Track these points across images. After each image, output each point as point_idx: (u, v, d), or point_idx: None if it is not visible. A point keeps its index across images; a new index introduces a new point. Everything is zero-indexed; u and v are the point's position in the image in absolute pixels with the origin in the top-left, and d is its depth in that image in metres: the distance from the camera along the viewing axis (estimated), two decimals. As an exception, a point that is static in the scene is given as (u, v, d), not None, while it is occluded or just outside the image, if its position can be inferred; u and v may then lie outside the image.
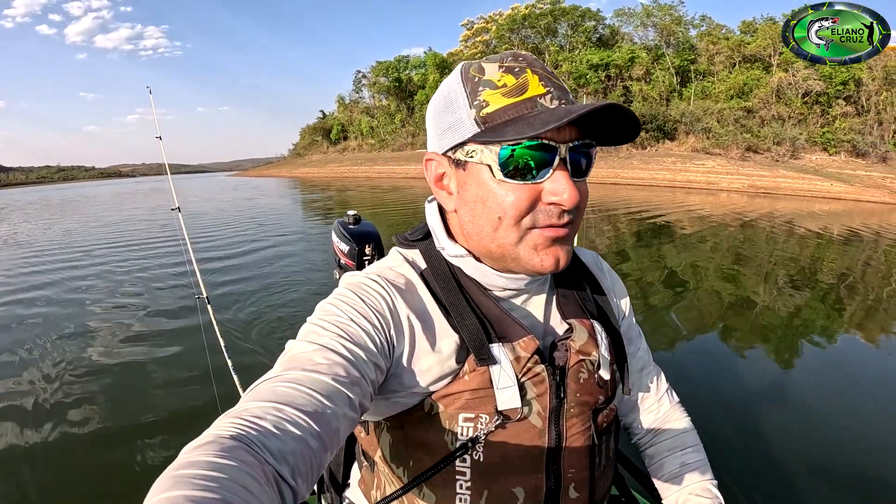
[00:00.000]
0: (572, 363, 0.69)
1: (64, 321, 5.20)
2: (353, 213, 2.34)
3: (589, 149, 0.63)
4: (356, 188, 28.64)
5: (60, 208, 25.21)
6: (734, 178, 25.91)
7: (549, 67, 0.64)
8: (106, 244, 10.81)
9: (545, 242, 0.63)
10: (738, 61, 35.81)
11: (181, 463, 0.39)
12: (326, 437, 0.50)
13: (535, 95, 0.59)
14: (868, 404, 3.37)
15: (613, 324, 0.78)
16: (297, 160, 71.26)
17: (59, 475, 2.64)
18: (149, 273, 7.46)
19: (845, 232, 11.55)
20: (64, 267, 8.28)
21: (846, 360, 4.23)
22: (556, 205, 0.60)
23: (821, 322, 5.14)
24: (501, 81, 0.61)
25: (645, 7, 40.22)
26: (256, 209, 18.31)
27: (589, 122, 0.61)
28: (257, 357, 4.03)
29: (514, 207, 0.61)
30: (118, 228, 13.85)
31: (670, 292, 6.10)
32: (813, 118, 30.58)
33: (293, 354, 0.58)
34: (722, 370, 3.95)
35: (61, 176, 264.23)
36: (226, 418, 0.47)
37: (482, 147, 0.61)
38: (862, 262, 8.16)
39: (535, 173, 0.60)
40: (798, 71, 31.23)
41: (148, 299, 5.98)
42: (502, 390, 0.64)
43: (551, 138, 0.59)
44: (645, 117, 32.99)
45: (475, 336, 0.65)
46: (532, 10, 44.56)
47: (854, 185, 22.98)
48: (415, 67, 55.04)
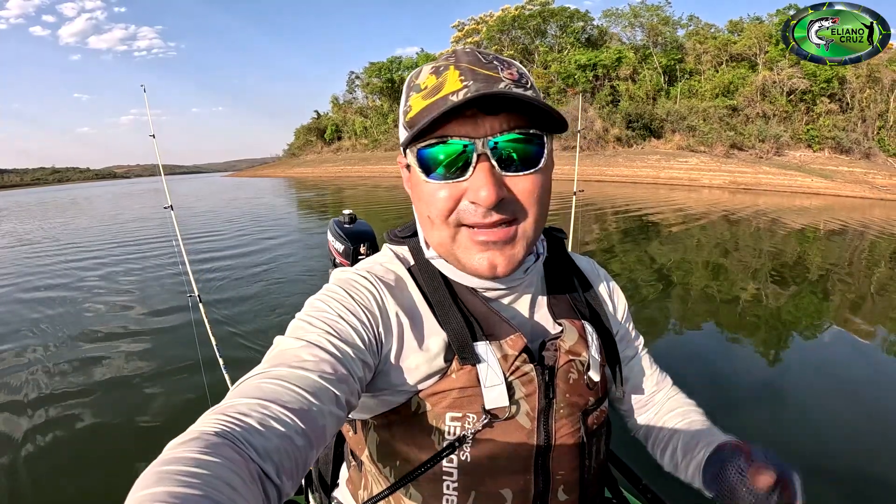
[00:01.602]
0: (561, 363, 0.68)
1: (56, 318, 5.32)
2: (349, 213, 2.32)
3: (523, 137, 0.59)
4: (351, 188, 28.88)
5: (57, 209, 25.35)
6: (716, 174, 26.55)
7: (490, 55, 0.63)
8: (101, 242, 10.99)
9: (475, 245, 0.62)
10: (724, 60, 36.35)
11: (165, 459, 0.39)
12: (312, 434, 0.50)
13: (449, 93, 0.58)
14: (860, 399, 3.38)
15: (606, 326, 0.77)
16: (291, 160, 71.41)
17: (46, 470, 2.68)
18: (142, 271, 7.54)
19: (833, 226, 11.90)
20: (60, 263, 8.51)
21: (836, 353, 4.27)
22: (476, 203, 0.59)
23: (808, 317, 5.20)
24: (424, 84, 0.62)
25: (632, 8, 40.94)
26: (250, 208, 18.56)
27: (525, 109, 0.58)
28: (248, 355, 4.05)
29: (437, 207, 0.61)
30: (114, 229, 13.96)
31: (657, 288, 6.15)
32: (798, 116, 31.09)
33: (280, 350, 0.58)
34: (712, 363, 3.99)
35: (56, 177, 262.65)
36: (211, 414, 0.47)
37: (409, 151, 0.62)
38: (848, 256, 8.33)
39: (458, 172, 0.59)
40: (782, 69, 31.76)
41: (139, 298, 6.04)
42: (490, 388, 0.63)
43: (465, 134, 0.57)
44: (631, 116, 33.61)
45: (459, 334, 0.64)
46: (522, 11, 45.13)
47: (835, 181, 23.56)
48: (407, 69, 55.40)
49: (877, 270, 7.35)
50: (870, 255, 8.47)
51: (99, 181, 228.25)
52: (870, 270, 7.35)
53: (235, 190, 33.49)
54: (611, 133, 33.49)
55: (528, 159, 0.60)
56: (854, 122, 29.59)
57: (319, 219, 14.47)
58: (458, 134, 0.57)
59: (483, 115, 0.57)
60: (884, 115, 29.22)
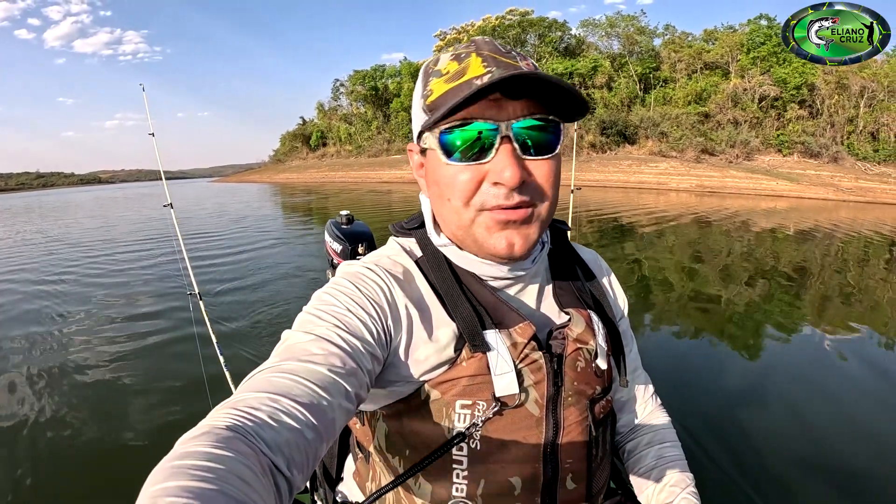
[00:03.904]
0: (570, 351, 0.69)
1: (53, 316, 5.42)
2: (346, 214, 2.32)
3: (541, 124, 0.61)
4: (334, 194, 28.94)
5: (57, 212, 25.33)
6: (683, 178, 27.37)
7: (508, 47, 0.64)
8: (100, 241, 11.32)
9: (495, 225, 0.62)
10: (699, 68, 37.37)
11: (177, 454, 0.39)
12: (322, 427, 0.50)
13: (473, 77, 0.59)
14: (848, 397, 3.41)
15: (610, 316, 0.78)
16: (277, 166, 71.58)
17: (53, 469, 2.69)
18: (141, 269, 7.67)
19: (803, 226, 12.36)
20: (57, 261, 8.76)
21: (816, 351, 4.32)
22: (500, 184, 0.59)
23: (781, 315, 5.26)
24: (446, 69, 0.63)
25: (608, 18, 42.16)
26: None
27: (544, 96, 0.60)
28: (249, 352, 4.07)
29: (459, 189, 0.61)
30: (110, 231, 14.18)
31: (636, 289, 6.21)
32: (769, 122, 31.99)
33: (289, 345, 0.58)
34: (696, 366, 4.01)
35: (41, 182, 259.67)
36: (221, 409, 0.47)
37: (429, 134, 0.63)
38: (819, 257, 8.56)
39: (480, 154, 0.60)
40: (753, 77, 32.73)
41: (140, 296, 6.13)
42: (500, 376, 0.64)
43: (490, 117, 0.58)
44: (605, 123, 34.46)
45: (469, 323, 0.65)
46: (502, 21, 46.10)
47: (801, 184, 24.28)
48: (390, 76, 56.08)
49: (830, 267, 7.72)
50: (840, 255, 8.81)
51: (84, 186, 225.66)
52: (827, 267, 7.70)
53: (230, 195, 33.27)
54: (585, 140, 34.22)
55: (546, 145, 0.62)
56: (823, 128, 30.41)
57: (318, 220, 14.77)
58: (482, 117, 0.59)
59: (506, 99, 0.59)
60: (854, 121, 30.07)
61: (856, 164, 28.05)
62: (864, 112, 29.97)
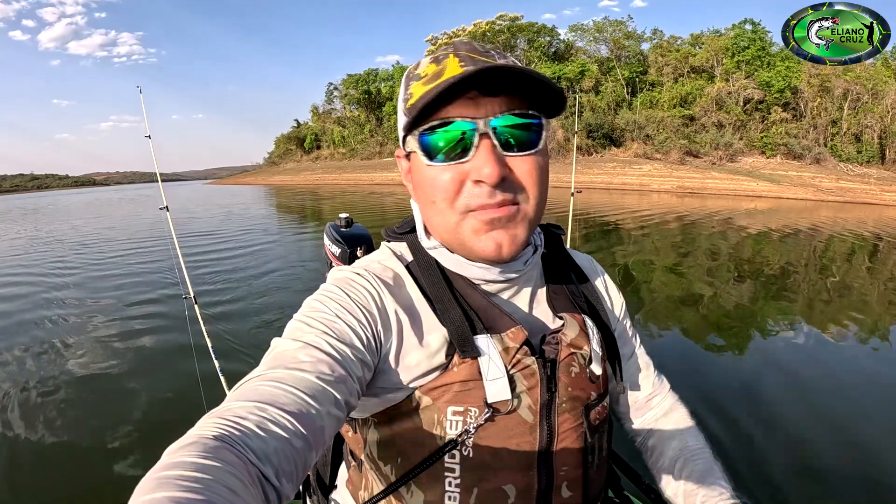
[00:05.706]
0: (563, 356, 0.68)
1: (48, 319, 5.42)
2: (345, 216, 2.31)
3: (522, 121, 0.60)
4: (330, 197, 28.81)
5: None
6: (665, 179, 27.99)
7: (486, 46, 0.64)
8: (94, 243, 11.35)
9: (482, 227, 0.61)
10: (685, 72, 38.04)
11: (165, 464, 0.38)
12: (311, 436, 0.49)
13: (449, 77, 0.57)
14: (845, 397, 3.41)
15: (604, 320, 0.77)
16: (272, 168, 72.18)
17: (42, 475, 2.67)
18: (136, 274, 7.65)
19: (783, 225, 12.66)
20: (54, 261, 8.94)
21: (816, 351, 4.34)
22: (482, 182, 0.59)
23: (768, 311, 5.31)
24: (425, 72, 0.63)
25: (596, 23, 42.96)
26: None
27: (522, 92, 0.60)
28: (244, 355, 4.06)
29: (442, 189, 0.61)
30: (106, 233, 14.21)
31: (627, 291, 6.18)
32: (753, 124, 32.63)
33: (278, 352, 0.58)
34: (698, 365, 4.02)
35: (35, 184, 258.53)
36: (209, 418, 0.46)
37: (411, 137, 0.62)
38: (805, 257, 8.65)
39: (461, 153, 0.59)
40: (737, 81, 33.40)
41: (135, 300, 6.09)
42: (491, 382, 0.62)
43: (468, 115, 0.58)
44: (592, 126, 35.04)
45: (459, 328, 0.64)
46: (492, 26, 46.82)
47: (781, 185, 24.87)
48: (383, 80, 56.71)
49: (800, 263, 7.97)
50: (821, 253, 9.07)
51: (78, 188, 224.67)
52: (798, 264, 7.95)
53: (230, 197, 32.95)
54: (572, 142, 34.73)
55: (528, 141, 0.61)
56: (806, 130, 31.10)
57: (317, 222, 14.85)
58: (460, 115, 0.58)
59: (483, 96, 0.58)
60: (837, 123, 30.72)
61: (838, 165, 28.65)
62: (848, 114, 30.59)
